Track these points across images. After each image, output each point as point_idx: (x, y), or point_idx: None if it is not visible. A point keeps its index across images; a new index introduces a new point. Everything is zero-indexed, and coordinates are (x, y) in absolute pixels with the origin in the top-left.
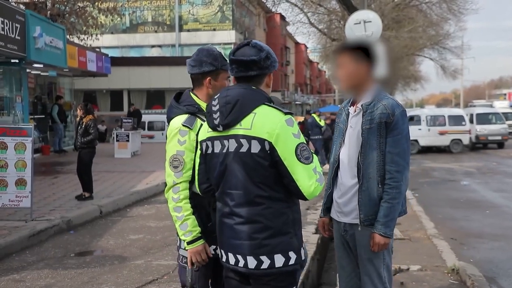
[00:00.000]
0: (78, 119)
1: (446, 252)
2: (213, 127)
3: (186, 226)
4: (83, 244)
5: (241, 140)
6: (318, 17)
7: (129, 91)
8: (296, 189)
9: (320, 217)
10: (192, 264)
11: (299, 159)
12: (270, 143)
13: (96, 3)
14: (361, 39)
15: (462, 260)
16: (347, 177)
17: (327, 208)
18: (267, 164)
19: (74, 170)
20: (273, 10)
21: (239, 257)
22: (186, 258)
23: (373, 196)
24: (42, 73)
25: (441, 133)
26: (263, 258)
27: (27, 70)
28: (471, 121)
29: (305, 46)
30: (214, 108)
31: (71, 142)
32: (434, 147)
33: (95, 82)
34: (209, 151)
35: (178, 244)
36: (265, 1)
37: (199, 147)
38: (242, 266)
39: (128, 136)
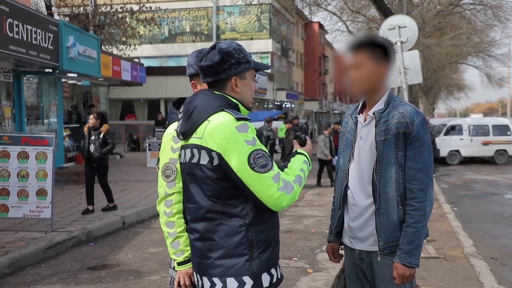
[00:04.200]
0: (86, 128)
1: (484, 274)
2: (178, 136)
3: (178, 244)
4: (101, 257)
5: (194, 150)
6: (357, 25)
7: (166, 100)
8: (259, 202)
9: (328, 241)
10: (179, 286)
11: (253, 169)
12: (219, 154)
13: (135, 14)
14: (378, 36)
15: (503, 284)
16: (360, 197)
17: (337, 233)
18: (216, 177)
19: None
20: (310, 18)
21: (198, 276)
22: (174, 278)
23: (393, 220)
24: (78, 83)
25: (485, 143)
26: (216, 280)
27: (63, 80)
28: None
29: None
30: (180, 116)
31: None
32: (477, 158)
33: (132, 91)
34: (180, 160)
35: (169, 263)
36: (302, 9)
37: None
38: (200, 287)
39: (160, 145)
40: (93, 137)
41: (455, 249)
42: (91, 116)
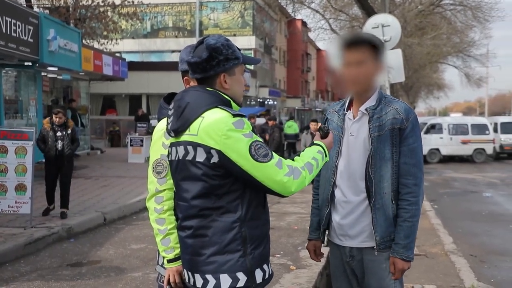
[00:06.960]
0: (47, 125)
1: (464, 271)
2: (169, 133)
3: (169, 241)
4: (82, 254)
5: (188, 147)
6: (339, 23)
7: (148, 95)
8: (269, 191)
9: (310, 239)
10: (169, 284)
11: (256, 160)
12: (219, 151)
13: (117, 8)
14: (373, 35)
15: (482, 280)
16: (351, 194)
17: (324, 231)
18: (213, 174)
19: (85, 174)
20: (294, 16)
21: (190, 274)
22: (163, 276)
23: (388, 215)
24: (58, 77)
25: (464, 142)
26: (209, 277)
27: (42, 74)
28: (495, 130)
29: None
30: (170, 112)
31: (86, 146)
32: (456, 156)
33: (114, 86)
34: (170, 158)
35: (156, 260)
36: (285, 7)
37: None
38: (192, 284)
39: (142, 140)
40: (59, 133)
41: (435, 246)
42: (60, 115)
